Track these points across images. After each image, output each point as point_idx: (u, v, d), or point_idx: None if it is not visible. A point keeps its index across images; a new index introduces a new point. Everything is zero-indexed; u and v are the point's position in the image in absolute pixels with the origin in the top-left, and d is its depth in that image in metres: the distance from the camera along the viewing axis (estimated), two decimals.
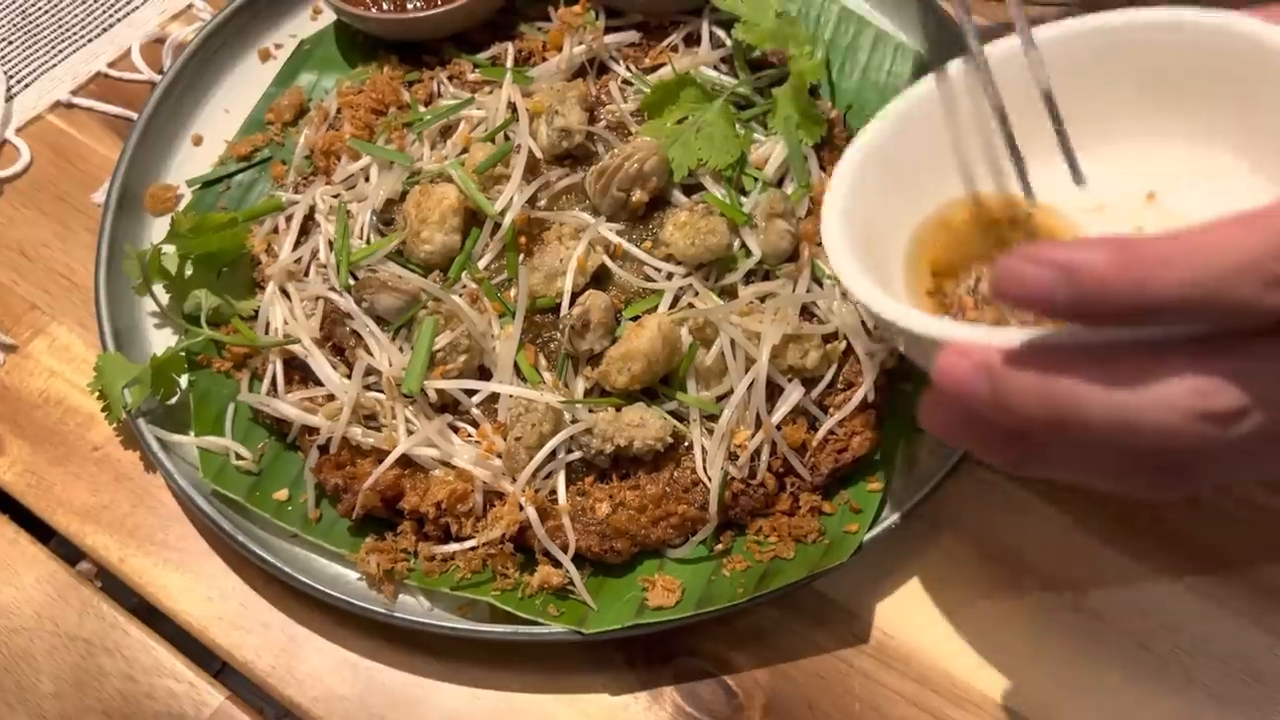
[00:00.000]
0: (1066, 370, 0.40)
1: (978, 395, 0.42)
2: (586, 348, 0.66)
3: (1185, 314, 0.39)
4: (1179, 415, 0.39)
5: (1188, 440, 0.40)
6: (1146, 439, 0.40)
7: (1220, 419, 0.39)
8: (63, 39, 0.90)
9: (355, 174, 0.76)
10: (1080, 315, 0.40)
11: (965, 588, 0.66)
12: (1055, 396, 0.40)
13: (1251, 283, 0.37)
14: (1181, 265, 0.38)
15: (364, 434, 0.66)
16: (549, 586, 0.63)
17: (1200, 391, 0.39)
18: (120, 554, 0.69)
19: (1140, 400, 0.39)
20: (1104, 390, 0.40)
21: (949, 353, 0.43)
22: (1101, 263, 0.38)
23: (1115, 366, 0.40)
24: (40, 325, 0.78)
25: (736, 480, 0.65)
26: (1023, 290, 0.40)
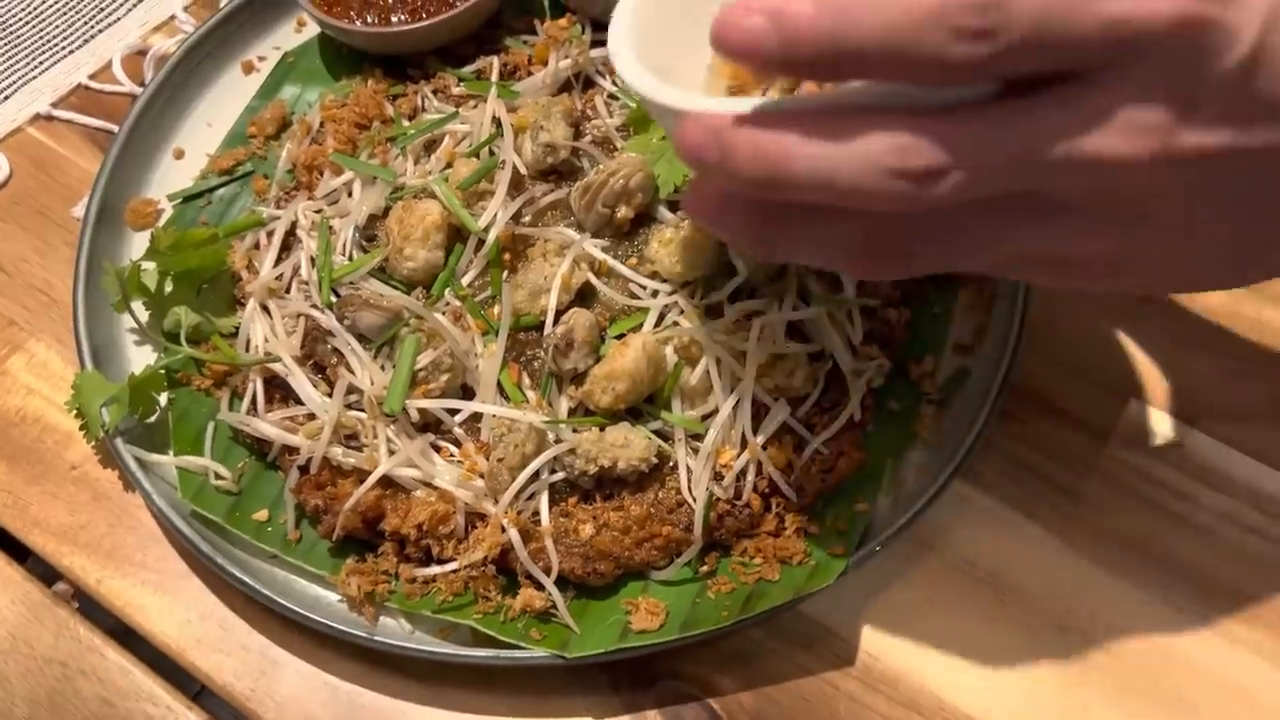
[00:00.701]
0: (780, 127, 0.41)
1: (707, 158, 0.42)
2: (570, 367, 0.65)
3: (879, 62, 0.39)
4: (876, 171, 0.40)
5: (887, 199, 0.40)
6: (847, 196, 0.41)
7: (916, 176, 0.40)
8: (43, 50, 0.90)
9: (338, 189, 0.75)
10: (788, 65, 0.40)
11: (952, 609, 0.65)
12: (766, 152, 0.41)
13: (938, 30, 0.38)
14: (874, 11, 0.38)
15: (345, 454, 0.65)
16: (531, 610, 0.62)
17: (897, 147, 0.39)
18: (98, 575, 0.68)
19: (840, 154, 0.40)
20: (808, 143, 0.40)
21: (687, 120, 0.43)
22: (807, 7, 0.39)
23: (824, 124, 0.40)
24: (18, 342, 0.77)
25: (722, 501, 0.64)
26: (736, 38, 0.40)
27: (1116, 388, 0.72)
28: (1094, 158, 0.40)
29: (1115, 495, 0.69)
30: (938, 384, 0.70)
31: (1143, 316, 0.74)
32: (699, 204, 0.46)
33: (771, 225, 0.45)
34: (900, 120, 0.40)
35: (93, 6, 0.92)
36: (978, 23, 0.38)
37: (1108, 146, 0.40)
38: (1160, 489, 0.69)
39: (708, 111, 0.43)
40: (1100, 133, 0.40)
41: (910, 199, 0.40)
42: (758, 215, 0.45)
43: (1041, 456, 0.70)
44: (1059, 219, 0.43)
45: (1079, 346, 0.73)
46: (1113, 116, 0.40)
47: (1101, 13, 0.38)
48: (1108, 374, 0.72)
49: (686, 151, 0.43)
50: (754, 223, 0.45)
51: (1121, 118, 0.40)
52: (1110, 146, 0.40)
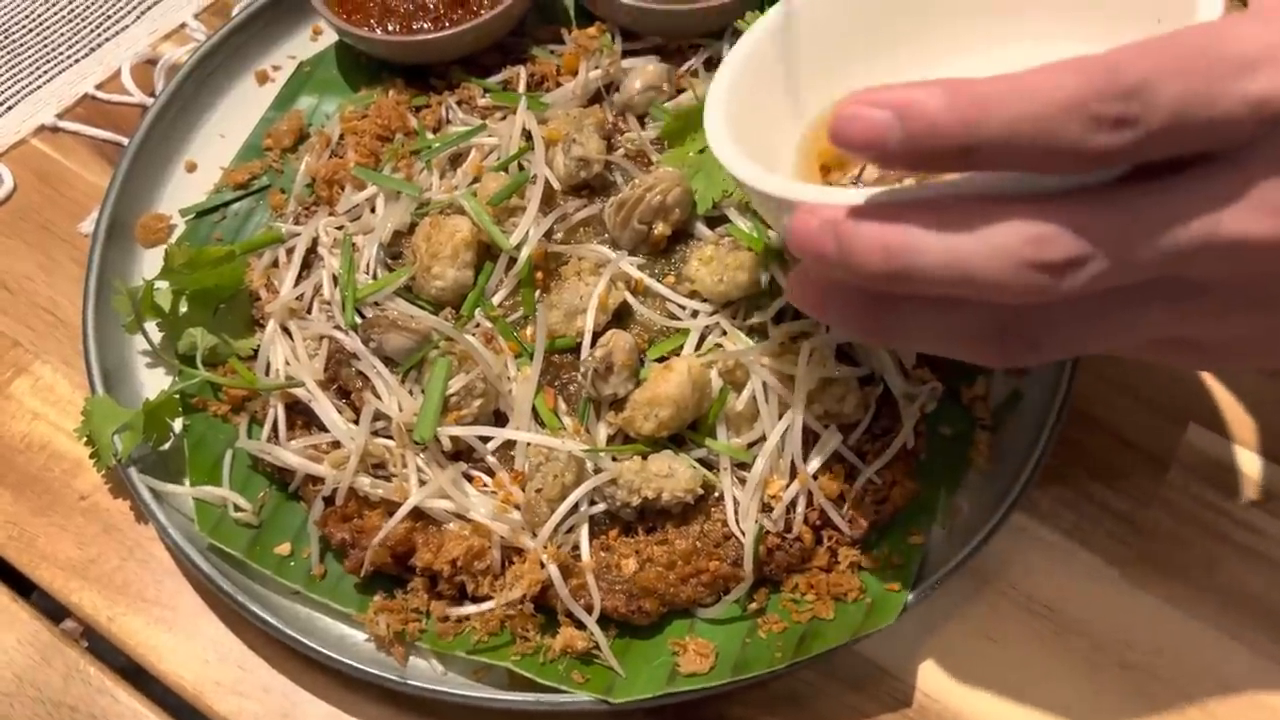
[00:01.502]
0: (905, 219, 0.40)
1: (824, 251, 0.41)
2: (610, 392, 0.62)
3: (1014, 154, 0.38)
4: (1012, 263, 0.38)
5: (1023, 291, 0.39)
6: (981, 289, 0.39)
7: (1054, 268, 0.38)
8: (48, 59, 0.86)
9: (360, 204, 0.72)
10: (913, 157, 0.39)
11: (1011, 646, 0.62)
12: (892, 245, 0.40)
13: (1077, 120, 0.37)
14: (1010, 102, 0.37)
15: (373, 484, 0.62)
16: (573, 651, 0.59)
17: (1034, 238, 0.38)
18: (109, 612, 0.64)
19: (973, 246, 0.39)
20: (938, 236, 0.39)
21: (800, 212, 0.42)
22: (933, 101, 0.38)
23: (952, 215, 0.39)
24: (23, 364, 0.73)
25: (771, 534, 0.61)
26: (858, 132, 0.39)
27: (1175, 412, 0.69)
28: (1237, 239, 0.39)
29: (1177, 524, 0.66)
30: (990, 408, 0.68)
31: None
32: (804, 294, 0.45)
33: (888, 315, 0.43)
34: (1035, 209, 0.39)
35: (99, 13, 0.88)
36: (1119, 111, 0.36)
37: (1251, 226, 0.39)
38: (1223, 518, 0.66)
39: (822, 203, 0.41)
40: (1240, 213, 0.38)
41: (1048, 290, 0.39)
42: (872, 306, 0.44)
43: (1099, 484, 0.67)
44: (1196, 303, 0.42)
45: (1134, 368, 0.70)
46: (1255, 196, 0.38)
47: (1246, 94, 0.37)
48: (1165, 397, 0.69)
49: (801, 245, 0.42)
50: (868, 313, 0.44)
51: (1264, 197, 0.38)
52: (1253, 228, 0.39)
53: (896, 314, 0.43)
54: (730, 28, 0.78)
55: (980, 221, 0.39)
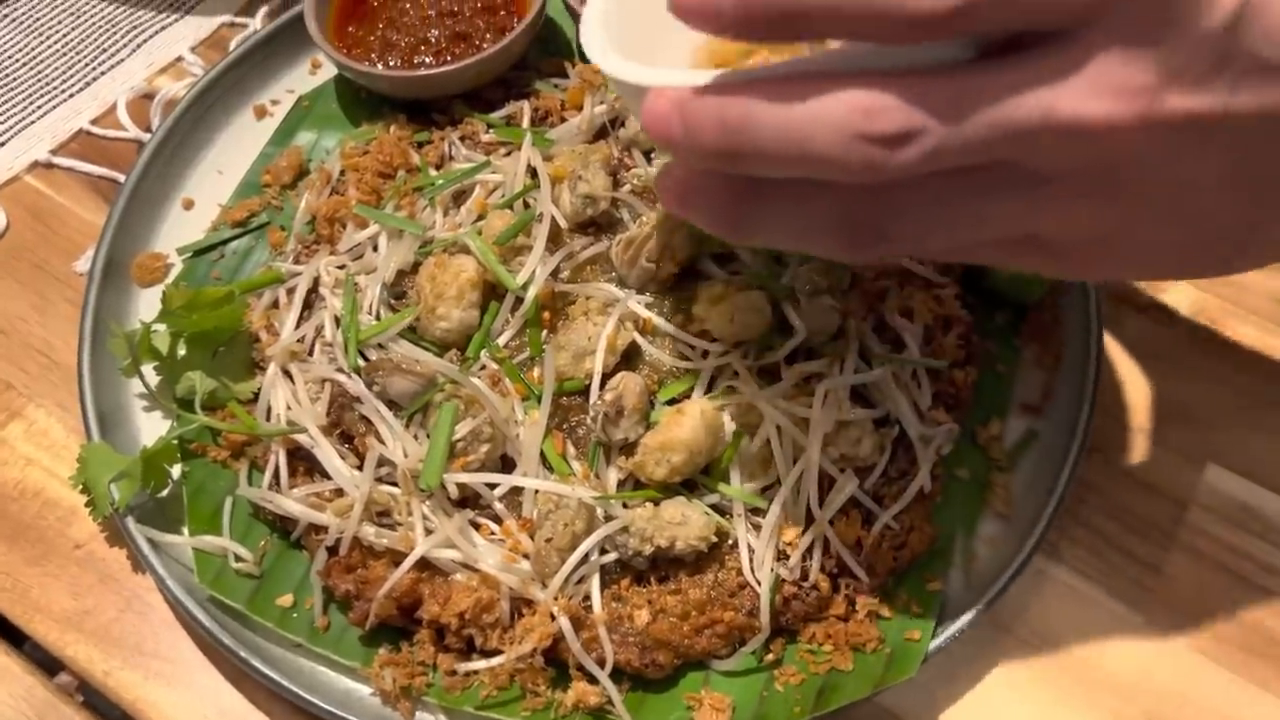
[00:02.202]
0: (744, 94, 0.39)
1: (671, 131, 0.40)
2: (620, 436, 0.61)
3: (842, 18, 0.37)
4: (844, 135, 0.37)
5: (857, 165, 0.38)
6: (815, 164, 0.38)
7: (886, 140, 0.37)
8: (42, 93, 0.85)
9: (362, 243, 0.71)
10: (746, 24, 0.38)
11: (1033, 696, 0.61)
12: (728, 119, 0.39)
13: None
14: None
15: (377, 534, 0.60)
16: (585, 706, 0.57)
17: (865, 108, 0.37)
18: (105, 666, 0.62)
19: (805, 117, 0.38)
20: (772, 108, 0.38)
21: (651, 94, 0.41)
22: None
23: (789, 88, 0.38)
24: (16, 408, 0.71)
25: (787, 583, 0.59)
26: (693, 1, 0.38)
27: (1192, 452, 0.68)
28: (1071, 120, 0.37)
29: (1198, 568, 0.64)
30: (1006, 449, 0.66)
31: (1217, 380, 0.70)
32: (669, 188, 0.44)
33: (744, 205, 0.42)
34: (869, 81, 0.37)
35: (94, 47, 0.87)
36: None
37: (1087, 108, 0.37)
38: (1245, 560, 0.65)
39: (671, 85, 0.40)
40: (1078, 93, 0.37)
41: (880, 165, 0.38)
42: (729, 196, 0.42)
43: (1118, 526, 0.66)
44: (1039, 191, 0.40)
45: (1149, 407, 0.69)
46: (1092, 75, 0.37)
47: None
48: (1182, 437, 0.68)
49: (650, 126, 0.40)
50: (726, 204, 0.43)
51: (1104, 77, 0.37)
52: (1092, 108, 0.37)
53: (752, 206, 0.42)
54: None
55: (815, 94, 0.38)
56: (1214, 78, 0.38)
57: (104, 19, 0.88)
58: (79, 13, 0.89)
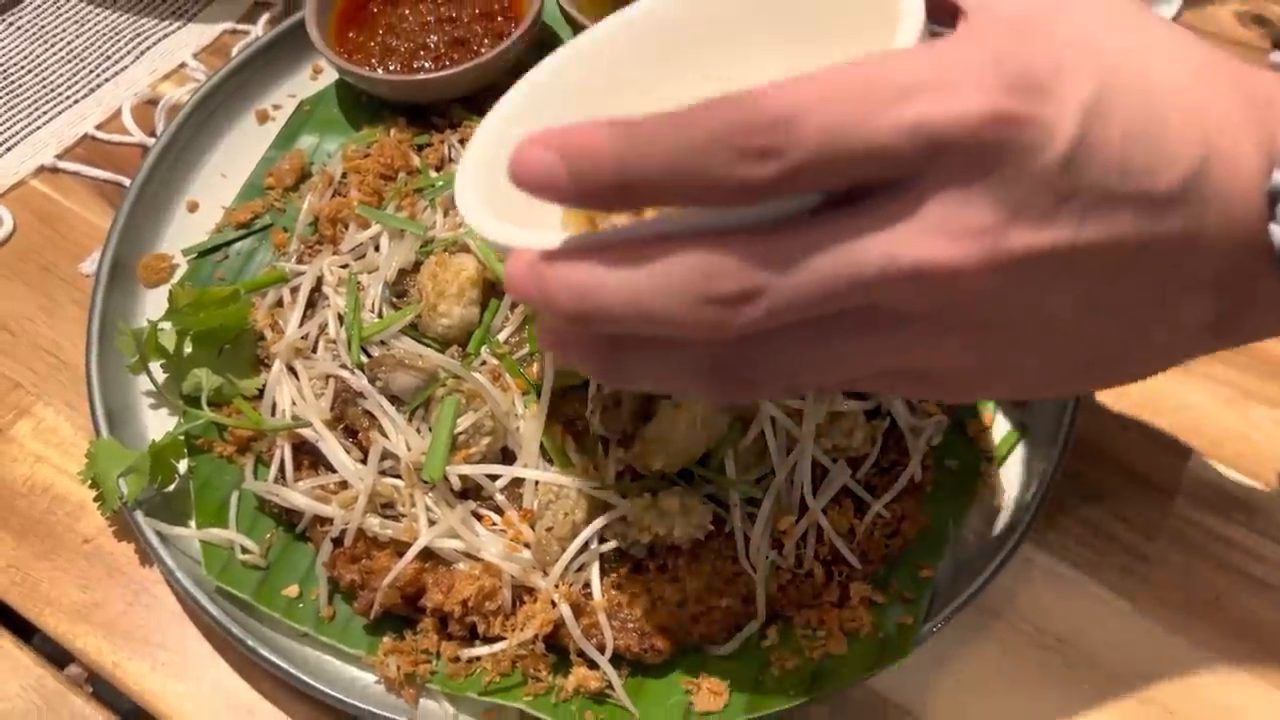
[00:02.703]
0: (589, 258, 0.39)
1: (528, 293, 0.41)
2: (619, 428, 0.62)
3: (674, 190, 0.37)
4: (687, 299, 0.38)
5: (702, 326, 0.38)
6: (662, 325, 0.39)
7: (728, 300, 0.38)
8: (47, 100, 0.86)
9: (364, 243, 0.72)
10: (581, 196, 0.38)
11: (1023, 681, 0.62)
12: (575, 285, 0.39)
13: (723, 153, 0.36)
14: (663, 137, 0.37)
15: (382, 525, 0.61)
16: (586, 691, 0.59)
17: (704, 272, 0.38)
18: (114, 658, 0.63)
19: (649, 282, 0.38)
20: (618, 274, 0.38)
21: (513, 257, 0.41)
22: (596, 139, 0.37)
23: (631, 253, 0.39)
24: (24, 406, 0.72)
25: (782, 570, 0.61)
26: (531, 174, 0.38)
27: (1178, 444, 0.69)
28: (913, 266, 0.37)
29: (1186, 556, 0.66)
30: (995, 441, 0.68)
31: (1202, 375, 0.72)
32: (544, 337, 0.44)
33: (612, 357, 0.43)
34: (708, 243, 0.38)
35: (98, 54, 0.88)
36: (761, 142, 0.36)
37: (928, 253, 0.37)
38: (1232, 549, 0.66)
39: (527, 247, 0.41)
40: (918, 239, 0.37)
41: (726, 324, 0.38)
42: (598, 348, 0.43)
43: (1106, 515, 0.67)
44: (903, 331, 0.40)
45: (1137, 398, 0.71)
46: (933, 220, 0.37)
47: (899, 120, 0.36)
48: (1170, 428, 0.70)
49: (511, 288, 0.41)
50: (596, 355, 0.43)
51: (941, 222, 0.37)
52: (932, 253, 0.37)
53: (620, 356, 0.43)
54: None
55: (657, 258, 0.38)
56: (1058, 212, 0.38)
57: (108, 27, 0.90)
58: (83, 21, 0.90)
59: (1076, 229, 0.38)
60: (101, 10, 0.91)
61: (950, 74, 0.37)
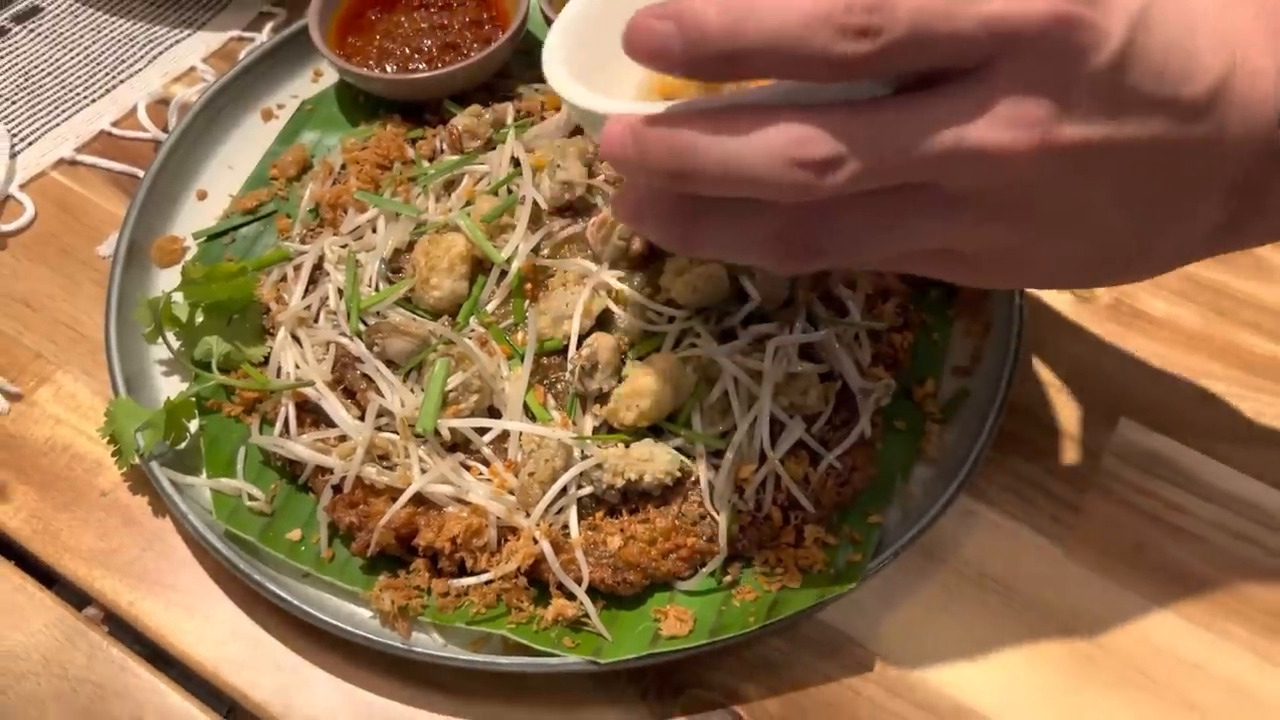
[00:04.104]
0: (690, 123, 0.44)
1: (626, 155, 0.45)
2: (595, 387, 0.68)
3: (773, 61, 0.42)
4: (777, 161, 0.42)
5: (790, 187, 0.43)
6: (752, 186, 0.43)
7: (815, 165, 0.42)
8: (66, 99, 0.92)
9: (362, 225, 0.78)
10: (694, 65, 0.43)
11: (964, 617, 0.68)
12: (676, 145, 0.43)
13: (825, 29, 0.41)
14: (770, 12, 0.41)
15: (378, 473, 0.67)
16: (564, 619, 0.64)
17: (797, 139, 0.42)
18: (130, 597, 0.69)
19: (744, 145, 0.43)
20: (715, 138, 0.43)
21: (610, 122, 0.46)
22: (708, 11, 0.42)
23: (730, 119, 0.43)
24: (46, 374, 0.78)
25: (743, 513, 0.67)
26: (645, 43, 0.43)
27: (1106, 409, 0.76)
28: (977, 148, 0.43)
29: (1112, 507, 0.72)
30: (939, 404, 0.74)
31: (1130, 346, 0.79)
32: (624, 206, 0.50)
33: (690, 223, 0.48)
34: (800, 114, 0.43)
35: (114, 58, 0.95)
36: (860, 21, 0.41)
37: (990, 138, 0.43)
38: (1153, 500, 0.72)
39: (627, 113, 0.46)
40: (983, 124, 0.43)
41: (810, 188, 0.43)
42: (677, 213, 0.48)
43: (1041, 471, 0.73)
44: (953, 211, 0.46)
45: (1070, 369, 0.78)
46: (995, 109, 0.43)
47: (979, 11, 0.42)
48: (1098, 395, 0.76)
49: (607, 150, 0.46)
50: (673, 220, 0.48)
51: (1003, 110, 0.43)
52: (993, 138, 0.43)
53: (697, 223, 0.47)
54: None
55: (753, 125, 0.43)
56: (1101, 110, 0.44)
57: (123, 34, 0.97)
58: (100, 28, 0.97)
59: (1117, 126, 0.44)
60: (117, 19, 0.98)
61: None
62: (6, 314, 0.81)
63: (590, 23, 0.58)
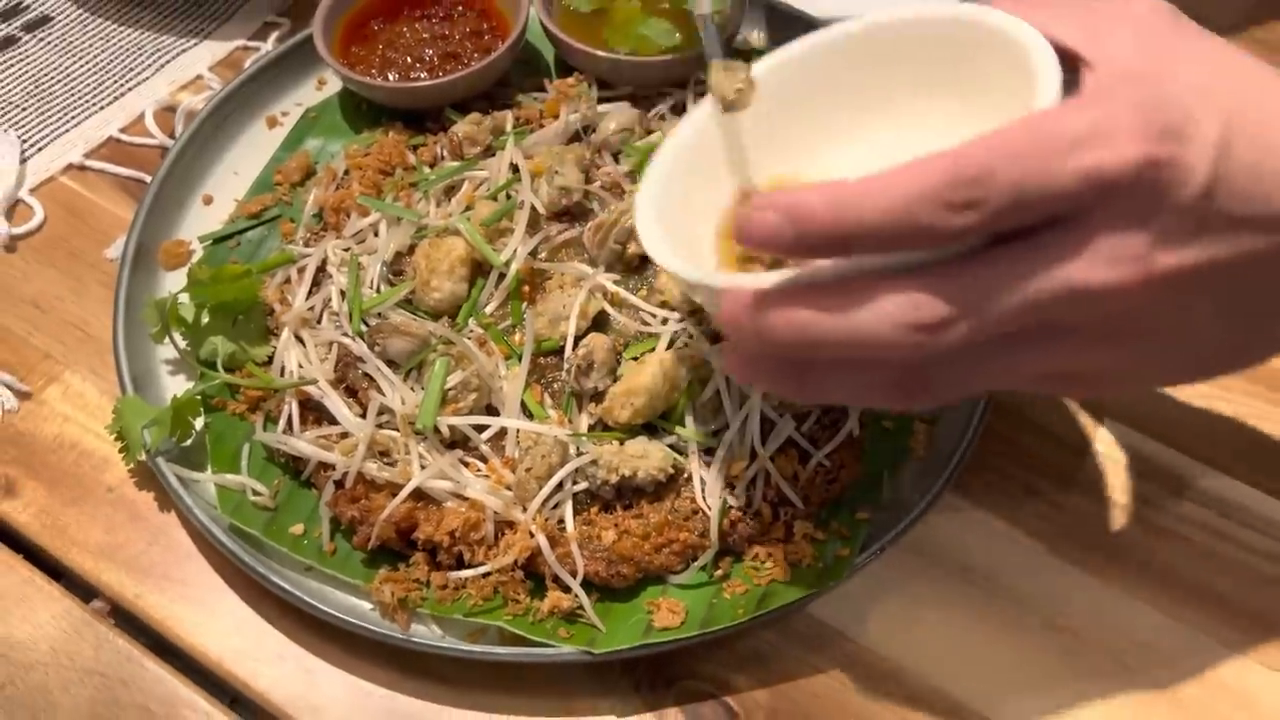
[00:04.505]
0: (805, 299, 0.47)
1: (745, 329, 0.48)
2: (591, 385, 0.70)
3: (883, 240, 0.45)
4: (894, 328, 0.45)
5: (908, 349, 0.46)
6: (874, 350, 0.46)
7: (931, 328, 0.45)
8: (75, 106, 0.94)
9: (364, 229, 0.80)
10: (804, 249, 0.47)
11: (949, 610, 0.70)
12: (796, 322, 0.47)
13: (931, 208, 0.44)
14: (876, 199, 0.44)
15: (379, 468, 0.69)
16: (559, 611, 0.66)
17: (911, 305, 0.45)
18: (135, 590, 0.70)
19: (860, 317, 0.46)
20: (833, 313, 0.46)
21: (725, 297, 0.49)
22: (814, 201, 0.45)
23: (844, 291, 0.46)
24: (55, 374, 0.80)
25: (734, 509, 0.69)
26: (757, 233, 0.47)
27: (1092, 408, 0.78)
28: (1083, 289, 0.46)
29: (1094, 505, 0.74)
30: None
31: None
32: (735, 364, 0.53)
33: (805, 377, 0.51)
34: (908, 280, 0.45)
35: (122, 67, 0.97)
36: (964, 196, 0.43)
37: (1095, 277, 0.45)
38: (1135, 499, 0.74)
39: (740, 288, 0.49)
40: (1085, 265, 0.45)
41: (927, 347, 0.46)
42: (791, 370, 0.51)
43: (1025, 471, 0.75)
44: (1059, 342, 0.48)
45: None
46: (1095, 249, 0.45)
47: (1076, 167, 0.44)
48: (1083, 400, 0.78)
49: (727, 324, 0.49)
50: (789, 376, 0.51)
51: (1103, 249, 0.45)
52: (1098, 277, 0.45)
53: (813, 376, 0.50)
54: (693, 77, 0.88)
55: (866, 296, 0.46)
56: (1195, 236, 0.46)
57: (131, 43, 0.99)
58: (108, 37, 0.99)
59: (1211, 249, 0.47)
60: (126, 28, 1.00)
61: (1106, 126, 0.44)
62: (16, 315, 0.83)
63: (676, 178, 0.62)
